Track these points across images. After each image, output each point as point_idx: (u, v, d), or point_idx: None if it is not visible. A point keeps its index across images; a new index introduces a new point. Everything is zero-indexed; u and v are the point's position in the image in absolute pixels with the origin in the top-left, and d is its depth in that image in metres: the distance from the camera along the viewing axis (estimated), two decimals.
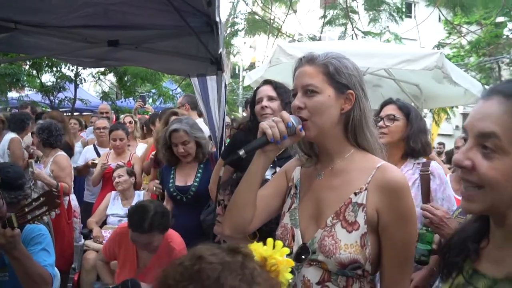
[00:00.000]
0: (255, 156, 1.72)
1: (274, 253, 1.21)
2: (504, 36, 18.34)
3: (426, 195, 2.82)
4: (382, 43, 10.63)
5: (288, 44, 7.58)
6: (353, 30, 11.64)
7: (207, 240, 2.73)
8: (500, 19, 16.58)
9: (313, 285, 1.61)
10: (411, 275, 1.68)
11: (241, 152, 1.64)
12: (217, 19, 3.25)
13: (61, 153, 5.15)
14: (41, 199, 2.41)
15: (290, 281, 1.23)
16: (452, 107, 14.16)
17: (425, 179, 2.84)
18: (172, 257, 3.07)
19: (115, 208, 4.93)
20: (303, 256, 1.63)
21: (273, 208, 1.82)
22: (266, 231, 2.01)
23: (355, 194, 1.61)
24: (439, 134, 13.78)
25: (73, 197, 5.36)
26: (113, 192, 5.01)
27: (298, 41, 13.17)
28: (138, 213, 3.14)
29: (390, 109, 2.97)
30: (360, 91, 1.66)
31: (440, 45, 16.17)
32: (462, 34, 15.34)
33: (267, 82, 3.21)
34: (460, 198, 3.20)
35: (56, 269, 3.18)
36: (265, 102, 3.03)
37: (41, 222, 2.51)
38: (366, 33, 12.19)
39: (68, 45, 4.49)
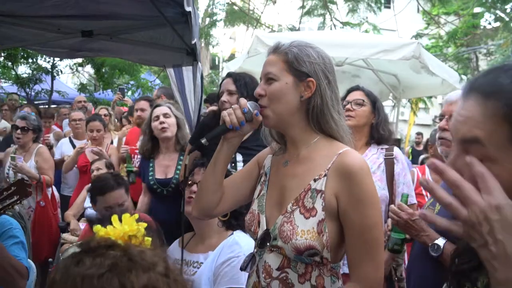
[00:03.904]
0: (219, 144, 1.80)
1: (131, 226, 1.11)
2: (481, 27, 18.55)
3: (391, 178, 2.98)
4: (360, 33, 10.67)
5: (266, 34, 7.55)
6: (331, 20, 11.66)
7: (188, 230, 2.72)
8: (477, 9, 16.75)
9: (273, 270, 1.63)
10: (383, 261, 1.64)
11: (203, 140, 1.72)
12: (189, 9, 3.23)
13: (43, 146, 5.30)
14: (12, 188, 2.42)
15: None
16: (431, 97, 14.28)
17: (390, 163, 2.98)
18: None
19: None
20: (267, 243, 1.66)
21: (242, 193, 1.88)
22: (237, 211, 2.16)
23: (315, 180, 1.62)
24: (417, 124, 13.91)
25: (54, 189, 5.34)
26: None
27: (278, 32, 13.14)
28: (99, 181, 3.21)
29: (358, 95, 3.08)
30: (323, 79, 1.65)
31: (418, 36, 16.24)
32: (440, 25, 15.47)
33: (228, 75, 3.31)
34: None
35: (31, 262, 3.14)
36: (224, 97, 3.14)
37: (11, 211, 2.49)
38: (344, 24, 12.22)
39: (40, 36, 4.39)
